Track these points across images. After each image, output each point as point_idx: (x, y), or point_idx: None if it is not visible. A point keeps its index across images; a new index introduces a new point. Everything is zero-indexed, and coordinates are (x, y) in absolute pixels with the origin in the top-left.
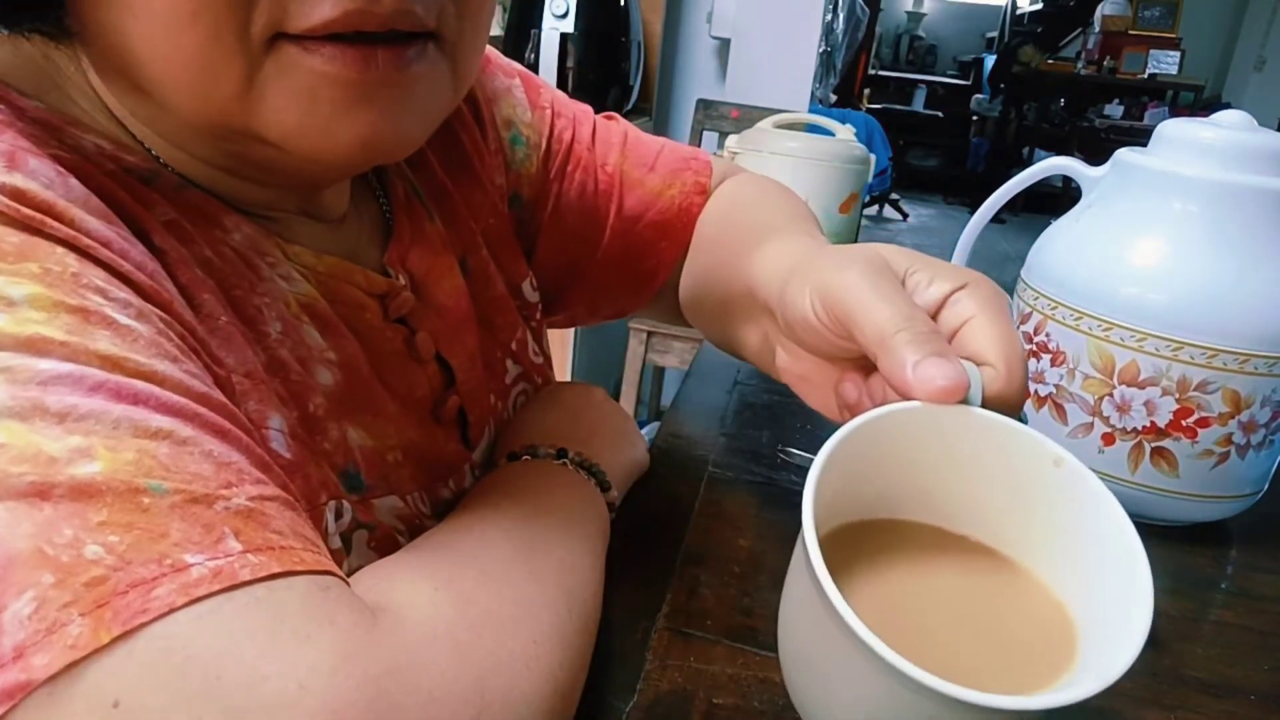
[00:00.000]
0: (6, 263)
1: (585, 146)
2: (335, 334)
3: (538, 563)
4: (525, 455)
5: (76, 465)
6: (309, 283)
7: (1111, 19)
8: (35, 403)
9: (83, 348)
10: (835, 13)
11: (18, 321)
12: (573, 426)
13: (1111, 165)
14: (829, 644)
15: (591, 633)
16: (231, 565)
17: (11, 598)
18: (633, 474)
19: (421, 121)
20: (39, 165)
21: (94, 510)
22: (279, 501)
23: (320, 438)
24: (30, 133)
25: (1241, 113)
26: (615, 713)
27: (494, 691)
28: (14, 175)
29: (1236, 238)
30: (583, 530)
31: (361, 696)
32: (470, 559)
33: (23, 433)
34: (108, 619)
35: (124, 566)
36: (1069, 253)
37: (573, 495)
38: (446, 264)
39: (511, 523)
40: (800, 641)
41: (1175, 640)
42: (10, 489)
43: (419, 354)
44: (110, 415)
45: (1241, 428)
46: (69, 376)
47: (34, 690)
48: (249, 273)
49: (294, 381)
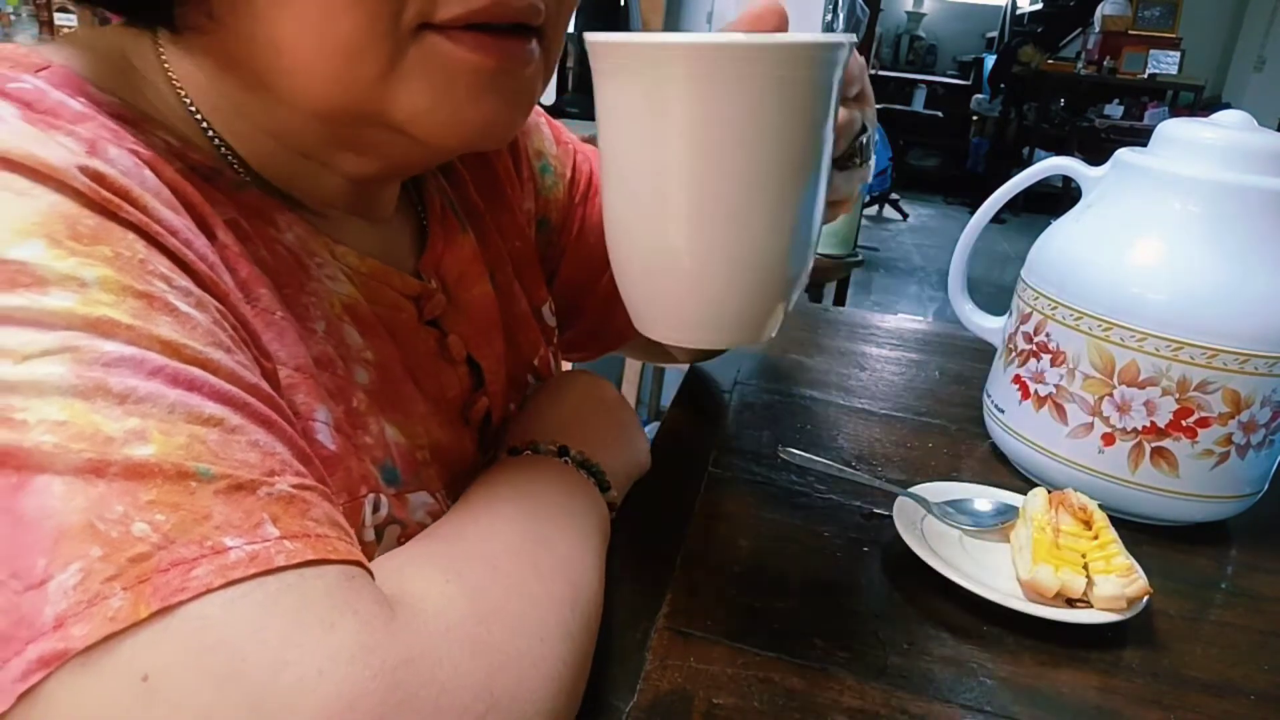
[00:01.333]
0: (81, 244)
1: (593, 176)
2: (373, 334)
3: (542, 559)
4: (527, 450)
5: (132, 446)
6: (352, 284)
7: (1111, 19)
8: (99, 383)
9: (146, 332)
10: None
11: (87, 302)
12: (577, 423)
13: (1111, 165)
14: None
15: (593, 632)
16: (268, 550)
17: (59, 569)
18: (633, 475)
19: (525, 110)
20: (118, 154)
21: (145, 490)
22: (317, 491)
23: (362, 431)
24: (108, 125)
25: (1241, 113)
26: (615, 713)
27: (502, 687)
28: (95, 160)
29: (1236, 238)
30: (584, 529)
31: (378, 686)
32: (478, 551)
33: (84, 411)
34: (148, 594)
35: (167, 545)
36: (1069, 253)
37: (574, 494)
38: (477, 271)
39: (515, 517)
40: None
41: (1175, 640)
42: (68, 464)
43: (451, 355)
44: (166, 400)
45: (1241, 428)
46: (131, 360)
47: (69, 660)
48: (299, 271)
49: (339, 377)
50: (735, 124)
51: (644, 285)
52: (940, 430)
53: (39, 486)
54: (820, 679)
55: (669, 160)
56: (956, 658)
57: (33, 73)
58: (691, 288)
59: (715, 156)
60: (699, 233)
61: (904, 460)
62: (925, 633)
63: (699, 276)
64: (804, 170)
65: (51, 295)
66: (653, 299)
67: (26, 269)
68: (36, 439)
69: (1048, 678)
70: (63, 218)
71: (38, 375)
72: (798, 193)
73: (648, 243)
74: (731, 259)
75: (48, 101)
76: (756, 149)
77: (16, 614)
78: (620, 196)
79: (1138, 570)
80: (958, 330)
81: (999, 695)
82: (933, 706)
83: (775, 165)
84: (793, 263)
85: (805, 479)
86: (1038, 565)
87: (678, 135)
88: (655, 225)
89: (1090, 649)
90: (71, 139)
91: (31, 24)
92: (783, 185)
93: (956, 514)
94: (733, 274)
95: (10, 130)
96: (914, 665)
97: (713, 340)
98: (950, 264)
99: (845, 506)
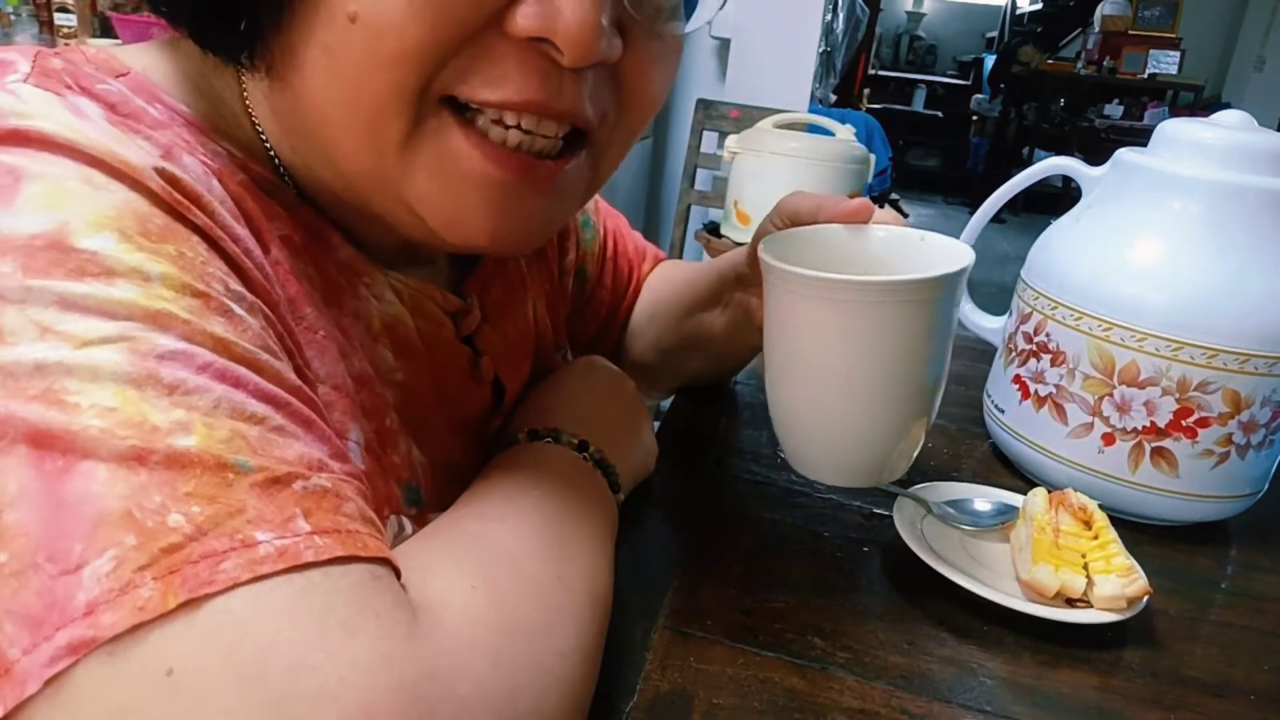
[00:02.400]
0: (150, 241)
1: (615, 234)
2: (407, 354)
3: (565, 567)
4: (548, 438)
5: (176, 436)
6: (400, 300)
7: (1111, 19)
8: (151, 373)
9: (200, 328)
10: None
11: (149, 296)
12: (599, 418)
13: (1111, 165)
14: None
15: (603, 643)
16: (297, 545)
17: (94, 555)
18: (639, 477)
19: (552, 225)
20: (191, 162)
21: (184, 480)
22: (351, 486)
23: (391, 451)
24: (183, 133)
25: (1241, 113)
26: (615, 713)
27: (526, 704)
28: (171, 164)
29: (1236, 238)
30: (600, 536)
31: (398, 700)
32: (504, 554)
33: (134, 400)
34: (176, 585)
35: (200, 537)
36: (1069, 253)
37: (592, 497)
38: (520, 299)
39: (540, 518)
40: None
41: (1175, 640)
42: (113, 451)
43: (481, 375)
44: (213, 394)
45: (1241, 428)
46: (184, 354)
47: (97, 648)
48: (347, 289)
49: (376, 395)
50: (880, 336)
51: (804, 441)
52: (940, 430)
53: (83, 471)
54: (820, 679)
55: (830, 359)
56: (956, 658)
57: (114, 77)
58: (842, 447)
59: (864, 358)
60: (851, 410)
61: None
62: (925, 633)
63: (848, 440)
64: (929, 364)
65: (117, 286)
66: (810, 450)
67: (96, 259)
68: (85, 422)
69: (1048, 678)
70: (135, 214)
71: (95, 361)
72: (923, 380)
73: (810, 413)
74: (872, 429)
75: (131, 105)
76: (907, 350)
77: (50, 597)
78: (788, 377)
79: (1138, 570)
80: (958, 330)
81: (999, 695)
82: (933, 706)
83: (921, 362)
84: (916, 430)
85: (805, 479)
86: (1038, 565)
87: (837, 343)
88: (818, 402)
89: (1090, 649)
90: (149, 143)
91: (31, 24)
92: (926, 376)
93: (956, 514)
94: (872, 439)
95: (95, 128)
96: (914, 665)
97: (853, 482)
98: None
99: (845, 506)
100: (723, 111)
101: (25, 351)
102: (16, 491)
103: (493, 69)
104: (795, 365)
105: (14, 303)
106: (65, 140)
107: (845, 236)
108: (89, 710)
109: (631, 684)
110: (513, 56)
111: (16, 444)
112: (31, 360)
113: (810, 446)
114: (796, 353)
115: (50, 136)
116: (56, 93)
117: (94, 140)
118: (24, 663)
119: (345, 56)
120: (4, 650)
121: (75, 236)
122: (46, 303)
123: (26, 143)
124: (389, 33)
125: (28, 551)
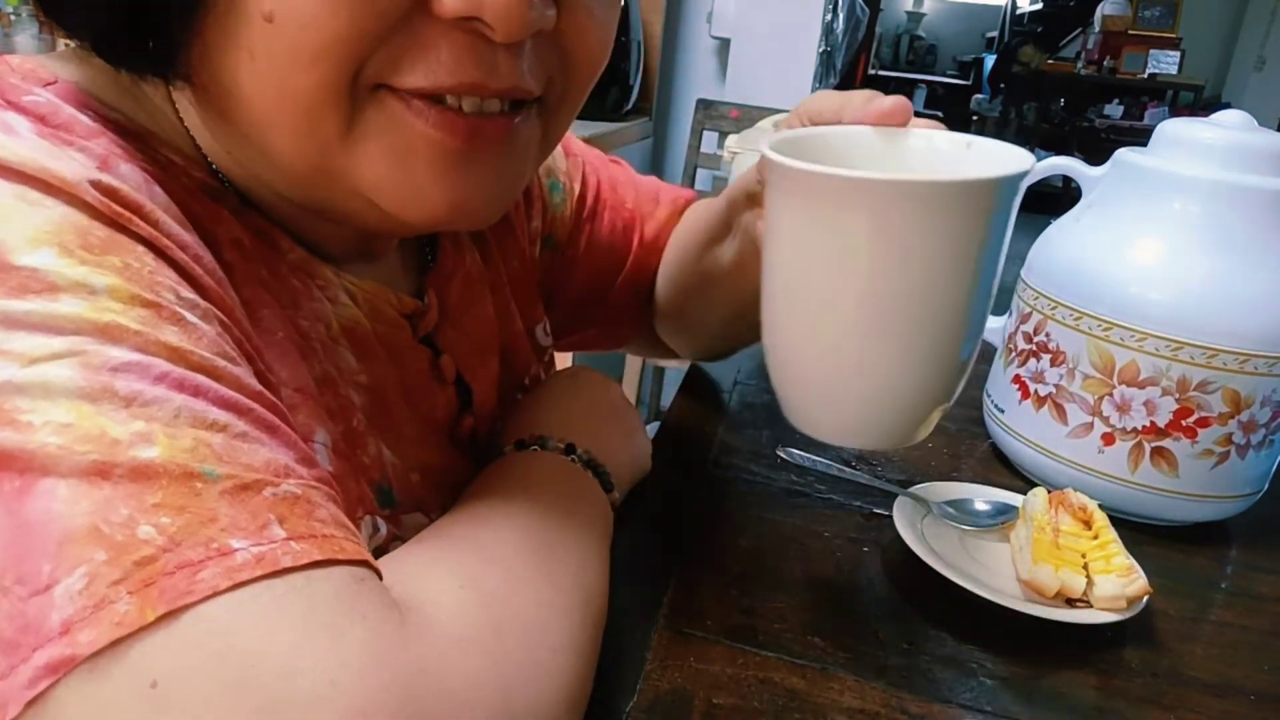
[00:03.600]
0: (92, 254)
1: (609, 189)
2: (368, 356)
3: (554, 566)
4: (534, 446)
5: (138, 448)
6: (354, 304)
7: (1111, 19)
8: (105, 387)
9: (153, 338)
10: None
11: (97, 309)
12: (583, 422)
13: (1111, 165)
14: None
15: (599, 641)
16: (274, 552)
17: (64, 573)
18: (636, 476)
19: (510, 189)
20: (129, 170)
21: (150, 492)
22: (322, 492)
23: (360, 451)
24: (118, 140)
25: (1241, 113)
26: (615, 713)
27: (519, 701)
28: (107, 175)
29: (1236, 238)
30: (592, 534)
31: (391, 698)
32: (493, 556)
33: (90, 414)
34: (154, 598)
35: (173, 548)
36: (1069, 253)
37: (582, 496)
38: (479, 293)
39: (528, 521)
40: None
41: (1175, 640)
42: (74, 466)
43: (442, 375)
44: (172, 404)
45: (1241, 428)
46: (138, 365)
47: (77, 666)
48: (302, 291)
49: (340, 396)
50: (917, 254)
51: (809, 391)
52: (940, 430)
53: (44, 489)
54: (820, 679)
55: (849, 284)
56: (956, 658)
57: (42, 86)
58: (858, 400)
59: (895, 283)
60: (871, 351)
61: (904, 460)
62: (925, 633)
63: (866, 390)
64: (974, 295)
65: (62, 301)
66: (816, 404)
67: (38, 275)
68: (42, 440)
69: (1048, 678)
70: (74, 228)
71: (46, 378)
72: (965, 316)
73: (818, 355)
74: (897, 375)
75: (61, 115)
76: (952, 272)
77: (22, 620)
78: (791, 310)
79: (1138, 570)
80: None
81: (999, 695)
82: (933, 706)
83: (966, 289)
84: (952, 378)
85: (805, 479)
86: (1038, 565)
87: (862, 263)
88: (828, 341)
89: (1090, 649)
90: (84, 154)
91: (31, 24)
92: (954, 310)
93: (956, 514)
94: (896, 389)
95: (24, 143)
96: (914, 665)
97: (868, 443)
98: None
99: (845, 506)
100: (723, 111)
101: None
102: None
103: (423, 55)
104: (803, 292)
105: None
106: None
107: (874, 141)
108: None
109: (631, 684)
110: (443, 39)
111: None
112: None
113: (821, 396)
114: (808, 276)
115: None
116: None
117: (24, 157)
118: (2, 686)
119: (267, 57)
120: None
121: (13, 254)
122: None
123: None
124: (308, 28)
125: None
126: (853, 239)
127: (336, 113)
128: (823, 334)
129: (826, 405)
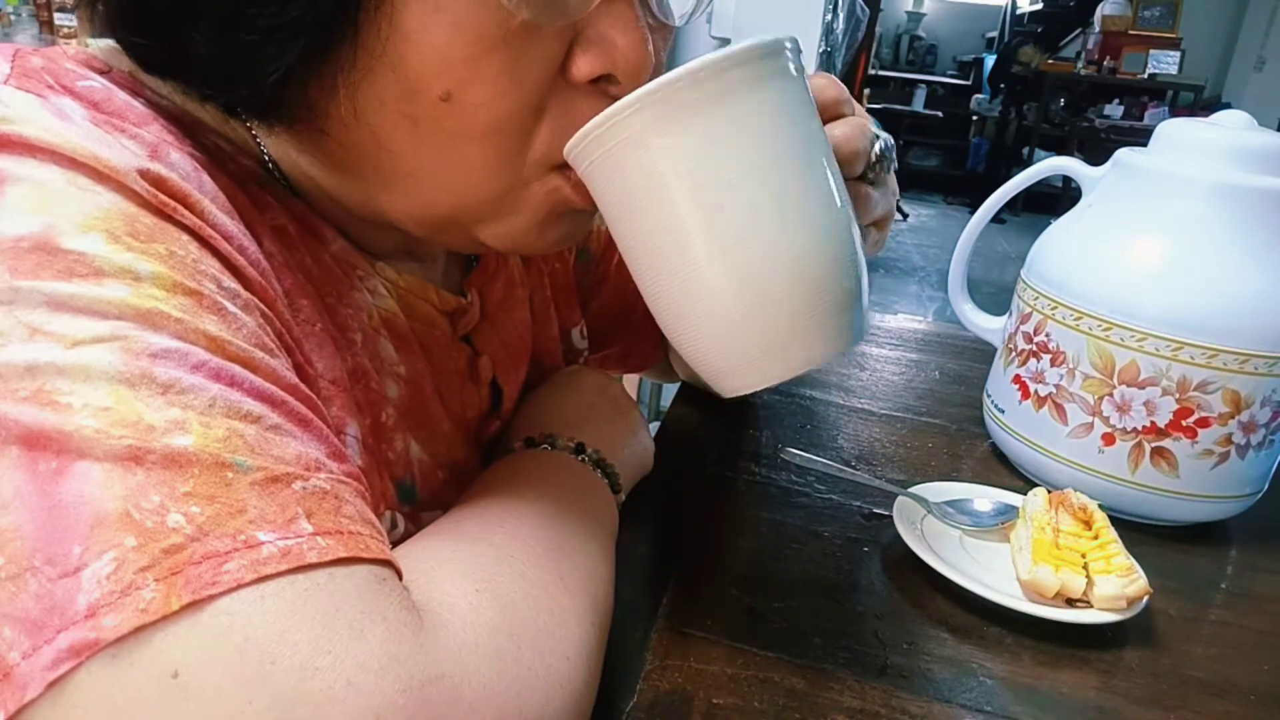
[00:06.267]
0: (138, 241)
1: None
2: (406, 349)
3: (566, 569)
4: (544, 445)
5: (172, 436)
6: (391, 297)
7: (1111, 19)
8: (144, 372)
9: (193, 327)
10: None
11: (140, 295)
12: (591, 421)
13: (1112, 165)
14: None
15: (605, 645)
16: (300, 547)
17: (94, 557)
18: (638, 476)
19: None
20: (179, 158)
21: (182, 480)
22: (350, 488)
23: (386, 446)
24: (169, 127)
25: (1241, 113)
26: (615, 713)
27: (531, 707)
28: (157, 164)
29: (1236, 238)
30: (600, 536)
31: (407, 702)
32: (505, 558)
33: (129, 399)
34: (179, 587)
35: (201, 537)
36: (1069, 253)
37: (591, 498)
38: (520, 297)
39: (540, 520)
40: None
41: (1175, 640)
42: (109, 450)
43: (478, 376)
44: (208, 393)
45: (1241, 428)
46: (177, 352)
47: (100, 651)
48: (341, 281)
49: (372, 390)
50: (710, 151)
51: (703, 344)
52: (940, 430)
53: (78, 472)
54: (820, 679)
55: (673, 211)
56: (956, 658)
57: (96, 73)
58: (743, 323)
59: (710, 186)
60: (731, 266)
61: (904, 460)
62: (925, 633)
63: (746, 309)
64: (797, 174)
65: (106, 286)
66: (717, 354)
67: (85, 259)
68: (80, 423)
69: (1048, 678)
70: (122, 215)
71: (86, 360)
72: (802, 196)
73: (687, 300)
74: (766, 277)
75: (114, 102)
76: (739, 167)
77: (49, 601)
78: (650, 270)
79: (1138, 570)
80: (958, 330)
81: (999, 695)
82: (933, 706)
83: (763, 180)
84: (827, 265)
85: (805, 479)
86: (1038, 565)
87: (671, 183)
88: (688, 279)
89: (1090, 649)
90: (135, 142)
91: (31, 24)
92: (781, 195)
93: (956, 514)
94: (773, 293)
95: (78, 131)
96: (914, 665)
97: (782, 370)
98: (950, 264)
99: (845, 506)
100: None
101: (15, 353)
102: (10, 494)
103: (572, 123)
104: (647, 241)
105: (2, 304)
106: (48, 145)
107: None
108: (92, 713)
109: (631, 684)
110: (583, 103)
111: (8, 446)
112: (22, 361)
113: (715, 331)
114: (640, 221)
115: (33, 141)
116: (38, 94)
117: (77, 144)
118: (24, 666)
119: (433, 127)
120: (3, 655)
121: (62, 238)
122: (35, 303)
123: (10, 147)
124: (481, 109)
125: (24, 555)
126: (657, 162)
127: (500, 182)
128: (685, 272)
129: (733, 340)
